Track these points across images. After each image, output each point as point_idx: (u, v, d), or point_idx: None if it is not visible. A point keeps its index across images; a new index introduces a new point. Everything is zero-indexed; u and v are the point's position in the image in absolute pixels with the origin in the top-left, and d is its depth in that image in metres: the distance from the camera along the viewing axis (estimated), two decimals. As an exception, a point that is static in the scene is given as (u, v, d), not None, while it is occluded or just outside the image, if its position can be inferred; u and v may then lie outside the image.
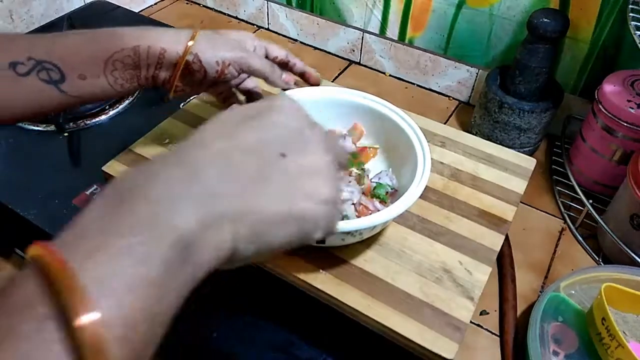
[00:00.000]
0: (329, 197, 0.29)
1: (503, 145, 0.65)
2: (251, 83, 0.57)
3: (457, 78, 0.85)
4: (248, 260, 0.27)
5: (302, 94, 0.57)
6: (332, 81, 0.88)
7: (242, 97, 0.57)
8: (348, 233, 0.47)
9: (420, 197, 0.57)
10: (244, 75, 0.52)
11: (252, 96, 0.57)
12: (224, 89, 0.56)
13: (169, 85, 0.49)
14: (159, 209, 0.24)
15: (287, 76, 0.54)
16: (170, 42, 0.47)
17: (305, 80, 0.58)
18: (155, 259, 0.22)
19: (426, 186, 0.58)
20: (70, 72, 0.43)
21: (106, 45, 0.44)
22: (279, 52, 0.55)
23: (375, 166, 0.58)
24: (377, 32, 0.88)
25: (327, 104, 0.58)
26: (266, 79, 0.52)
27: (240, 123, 0.29)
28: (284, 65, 0.55)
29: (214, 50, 0.48)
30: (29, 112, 0.44)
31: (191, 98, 0.68)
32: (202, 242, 0.24)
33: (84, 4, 0.99)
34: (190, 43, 0.47)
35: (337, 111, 0.58)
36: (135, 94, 0.79)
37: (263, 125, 0.29)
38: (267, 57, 0.54)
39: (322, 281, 0.48)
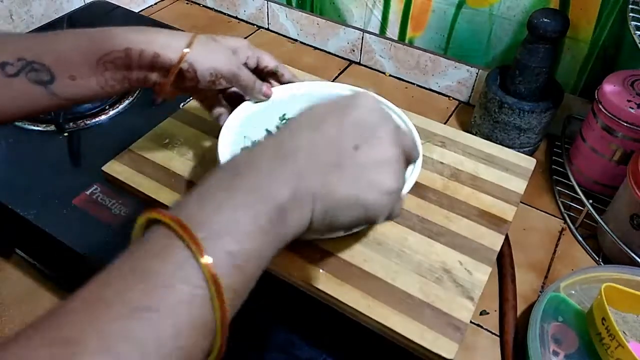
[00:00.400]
0: (392, 188, 0.33)
1: (503, 145, 0.65)
2: (272, 63, 0.57)
3: (457, 78, 0.85)
4: (320, 234, 0.34)
5: (292, 89, 0.58)
6: (332, 81, 0.87)
7: (224, 103, 0.57)
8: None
9: (419, 196, 0.57)
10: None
11: (235, 101, 0.58)
12: (210, 95, 0.56)
13: (160, 89, 0.49)
14: (262, 181, 0.30)
15: (267, 89, 0.55)
16: (164, 47, 0.46)
17: None
18: (262, 215, 0.28)
19: (426, 186, 0.58)
20: (60, 72, 0.43)
21: (98, 46, 0.44)
22: (269, 62, 0.56)
23: None
24: (377, 32, 0.88)
25: (320, 98, 0.58)
26: (245, 92, 0.54)
27: (326, 116, 0.34)
28: (273, 74, 0.57)
29: (209, 61, 0.48)
30: (18, 114, 0.44)
31: (189, 100, 0.68)
32: (292, 211, 0.30)
33: (83, 4, 0.99)
34: (186, 50, 0.46)
35: None
36: (135, 94, 0.79)
37: (343, 120, 0.33)
38: (257, 66, 0.55)
39: (322, 281, 0.48)
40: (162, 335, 0.24)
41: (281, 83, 0.58)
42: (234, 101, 0.57)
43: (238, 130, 0.54)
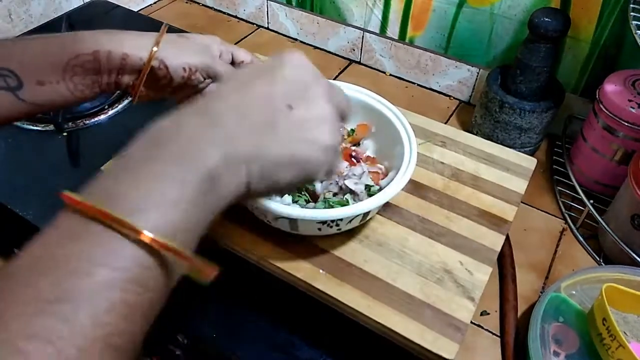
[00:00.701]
0: (329, 144, 0.33)
1: (504, 145, 0.65)
2: (247, 57, 0.55)
3: (457, 77, 0.84)
4: (262, 196, 0.32)
5: None
6: (332, 80, 0.87)
7: None
8: (324, 223, 0.47)
9: (419, 197, 0.57)
10: (208, 80, 0.51)
11: None
12: (188, 94, 0.54)
13: (133, 91, 0.48)
14: (189, 148, 0.28)
15: None
16: (132, 47, 0.45)
17: None
18: (189, 184, 0.27)
19: (427, 186, 0.58)
20: (28, 78, 0.42)
21: (65, 50, 0.43)
22: (244, 57, 0.54)
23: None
24: (377, 31, 0.88)
25: None
26: None
27: (254, 77, 0.33)
28: None
29: (180, 56, 0.47)
30: None
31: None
32: (223, 177, 0.29)
33: (82, 3, 0.99)
34: (155, 49, 0.45)
35: None
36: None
37: (273, 79, 0.33)
38: (233, 62, 0.53)
39: (323, 281, 0.48)
40: (77, 328, 0.22)
41: None
42: None
43: None
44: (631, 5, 0.57)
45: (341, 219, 0.46)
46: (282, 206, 0.45)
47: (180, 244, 0.26)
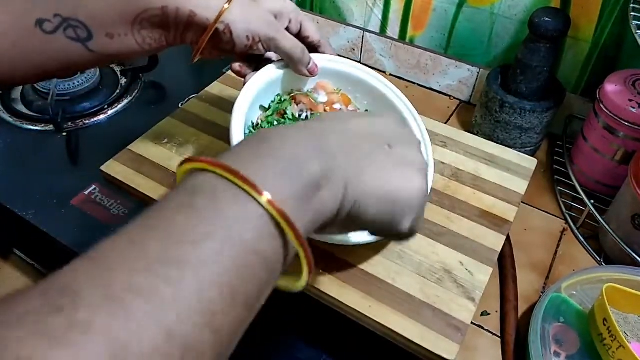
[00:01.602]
0: (422, 189, 0.33)
1: (504, 145, 0.65)
2: (316, 35, 0.53)
3: (458, 77, 0.84)
4: (341, 229, 0.32)
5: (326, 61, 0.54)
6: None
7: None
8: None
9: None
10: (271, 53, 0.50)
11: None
12: (250, 59, 0.52)
13: (196, 48, 0.47)
14: (296, 152, 0.28)
15: (314, 67, 0.51)
16: (200, 5, 0.44)
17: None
18: (296, 183, 0.27)
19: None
20: (98, 30, 0.42)
21: (135, 4, 0.43)
22: (313, 34, 0.52)
23: None
24: (377, 31, 0.88)
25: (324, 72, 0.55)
26: (292, 63, 0.50)
27: (352, 117, 0.34)
28: (314, 49, 0.53)
29: (247, 23, 0.45)
30: (57, 70, 0.43)
31: (187, 99, 0.68)
32: (323, 189, 0.28)
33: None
34: (225, 7, 0.44)
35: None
36: (134, 94, 0.79)
37: (373, 121, 0.35)
38: (300, 34, 0.51)
39: (323, 282, 0.48)
40: (182, 293, 0.21)
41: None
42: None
43: (253, 100, 0.50)
44: (631, 5, 0.57)
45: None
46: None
47: (307, 220, 0.27)
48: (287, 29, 0.49)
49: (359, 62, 0.93)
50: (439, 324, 0.45)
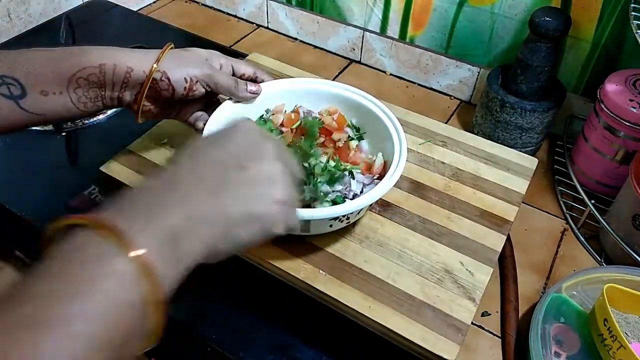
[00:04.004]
0: (282, 199, 0.35)
1: (505, 144, 0.65)
2: (249, 69, 0.56)
3: (458, 77, 0.84)
4: (229, 254, 0.33)
5: (279, 85, 0.58)
6: (332, 80, 0.87)
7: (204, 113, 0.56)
8: (336, 218, 0.47)
9: (420, 197, 0.57)
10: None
11: None
12: (192, 111, 0.54)
13: (136, 106, 0.49)
14: (153, 209, 0.30)
15: (252, 87, 0.54)
16: (137, 61, 0.46)
17: None
18: (154, 242, 0.28)
19: (427, 186, 0.58)
20: (32, 87, 0.42)
21: (71, 62, 0.44)
22: (246, 70, 0.55)
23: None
24: (377, 30, 0.88)
25: (303, 93, 0.59)
26: (232, 95, 0.53)
27: (208, 143, 0.36)
28: (252, 81, 0.56)
29: (182, 67, 0.48)
30: None
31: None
32: (187, 236, 0.30)
33: (82, 2, 0.98)
34: (159, 57, 0.47)
35: (314, 100, 0.59)
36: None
37: (224, 143, 0.35)
38: (234, 74, 0.54)
39: (323, 282, 0.48)
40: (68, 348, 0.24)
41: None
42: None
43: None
44: (632, 5, 0.57)
45: (352, 213, 0.47)
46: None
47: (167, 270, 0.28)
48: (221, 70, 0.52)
49: (359, 62, 0.93)
50: (439, 324, 0.45)
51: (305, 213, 0.45)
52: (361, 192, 0.51)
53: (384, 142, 0.54)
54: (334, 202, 0.49)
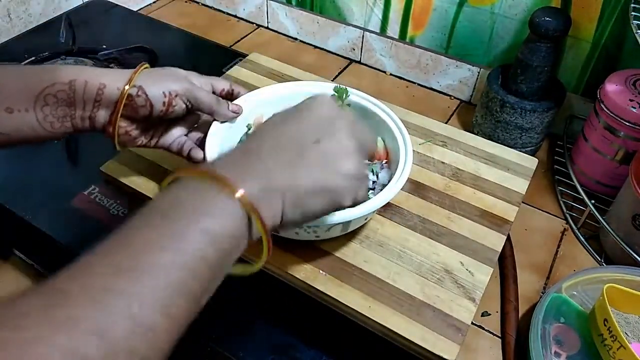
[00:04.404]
0: (353, 172, 0.36)
1: (505, 144, 0.65)
2: (226, 84, 0.54)
3: (458, 77, 0.84)
4: (298, 224, 0.36)
5: (275, 90, 0.57)
6: (332, 80, 0.87)
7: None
8: (317, 227, 0.46)
9: (420, 197, 0.57)
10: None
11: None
12: (176, 135, 0.52)
13: (111, 128, 0.46)
14: (236, 179, 0.31)
15: (233, 106, 0.53)
16: (110, 78, 0.44)
17: None
18: (233, 213, 0.31)
19: (427, 186, 0.58)
20: None
21: (41, 77, 0.41)
22: (224, 85, 0.53)
23: None
24: (377, 30, 0.88)
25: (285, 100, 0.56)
26: (213, 113, 0.50)
27: (285, 118, 0.37)
28: (230, 96, 0.54)
29: (160, 82, 0.46)
30: None
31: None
32: (262, 204, 0.32)
33: (82, 2, 0.98)
34: (134, 74, 0.45)
35: None
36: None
37: (301, 118, 0.37)
38: (213, 91, 0.52)
39: (323, 282, 0.48)
40: (156, 291, 0.26)
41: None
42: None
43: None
44: (632, 5, 0.57)
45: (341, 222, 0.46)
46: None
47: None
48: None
49: (359, 62, 0.93)
50: (439, 324, 0.45)
51: (346, 214, 0.44)
52: (377, 178, 0.52)
53: (390, 141, 0.54)
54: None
